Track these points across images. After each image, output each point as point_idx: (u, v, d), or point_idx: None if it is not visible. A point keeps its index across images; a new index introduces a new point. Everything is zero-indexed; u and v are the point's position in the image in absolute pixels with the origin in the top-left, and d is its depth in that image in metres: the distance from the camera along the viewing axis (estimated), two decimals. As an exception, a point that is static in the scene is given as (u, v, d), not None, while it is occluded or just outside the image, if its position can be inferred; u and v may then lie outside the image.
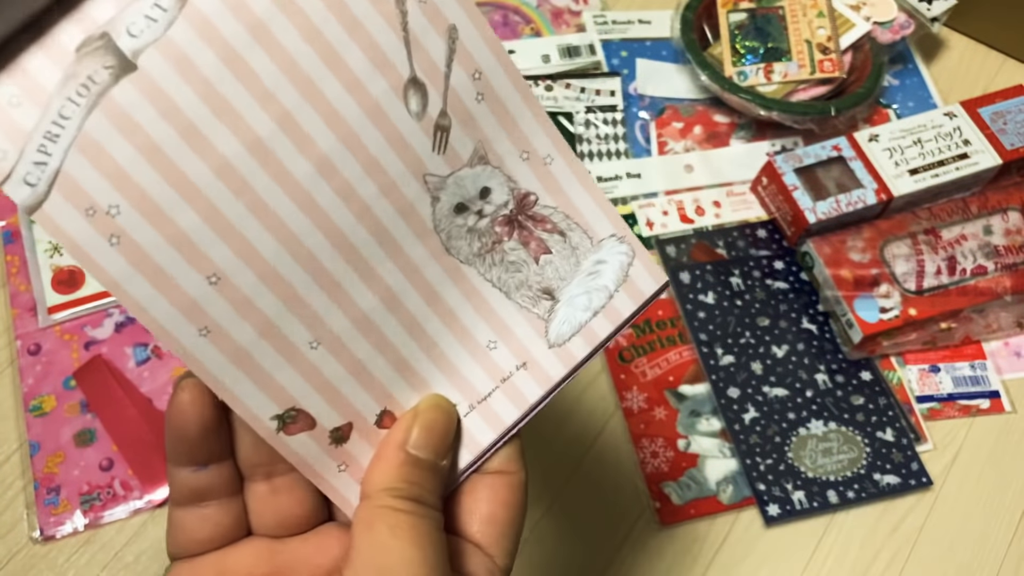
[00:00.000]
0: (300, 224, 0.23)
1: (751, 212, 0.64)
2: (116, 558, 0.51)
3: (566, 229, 0.27)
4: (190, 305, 0.22)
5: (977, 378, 0.59)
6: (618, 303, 0.27)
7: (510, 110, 0.25)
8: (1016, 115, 0.63)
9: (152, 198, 0.21)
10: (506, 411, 0.27)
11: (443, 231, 0.25)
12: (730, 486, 0.54)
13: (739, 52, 0.67)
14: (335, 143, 0.23)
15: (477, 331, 0.27)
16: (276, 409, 0.24)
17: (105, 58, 0.20)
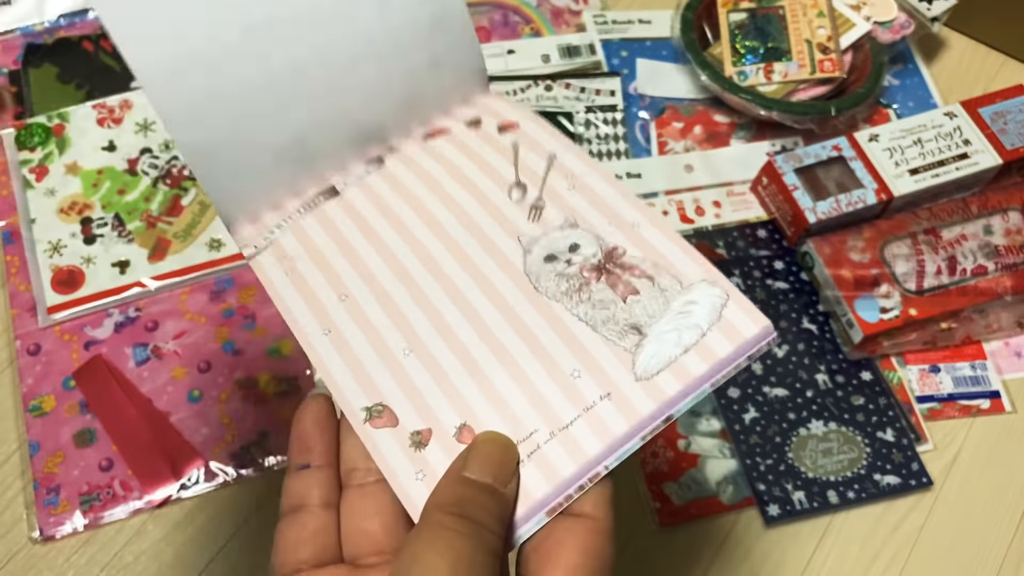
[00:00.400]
0: (414, 266, 0.30)
1: (751, 212, 0.64)
2: (116, 558, 0.51)
3: (654, 273, 0.28)
4: (322, 312, 0.30)
5: (977, 378, 0.59)
6: (712, 341, 0.27)
7: (599, 193, 0.30)
8: (1016, 115, 0.63)
9: (319, 250, 0.31)
10: (588, 442, 0.26)
11: (533, 274, 0.29)
12: (730, 486, 0.54)
13: (739, 52, 0.67)
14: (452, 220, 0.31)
15: (562, 360, 0.27)
16: (366, 401, 0.28)
17: (325, 193, 0.32)
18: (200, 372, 0.55)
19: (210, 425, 0.54)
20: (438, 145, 0.33)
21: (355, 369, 0.28)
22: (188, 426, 0.54)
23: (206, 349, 0.56)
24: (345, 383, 0.28)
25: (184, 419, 0.54)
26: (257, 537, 0.52)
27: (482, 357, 0.28)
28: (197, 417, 0.54)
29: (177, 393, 0.55)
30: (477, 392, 0.27)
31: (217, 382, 0.55)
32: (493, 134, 0.33)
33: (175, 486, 0.52)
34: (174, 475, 0.52)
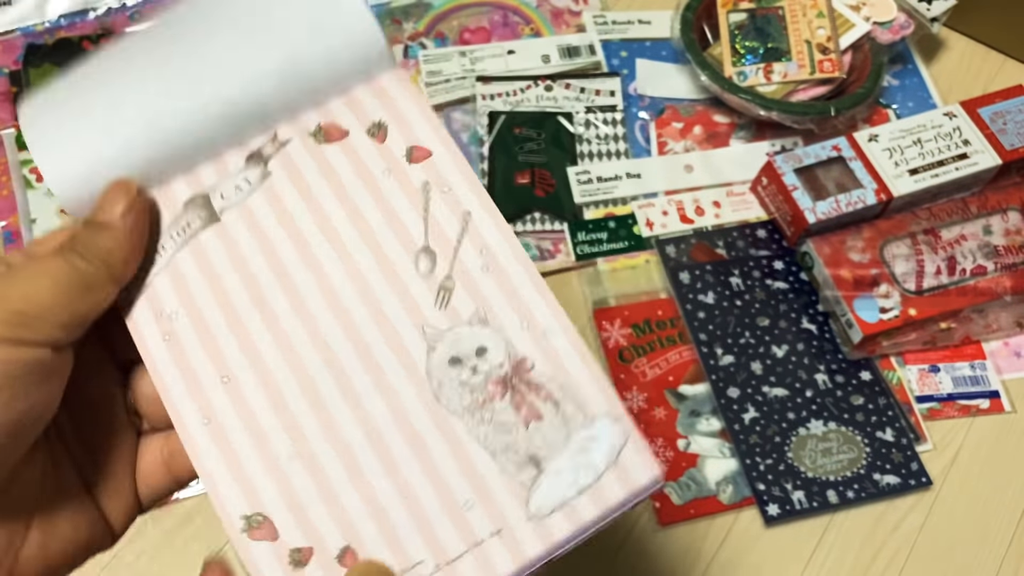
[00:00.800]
0: (306, 349, 0.27)
1: (751, 212, 0.64)
2: (116, 558, 0.51)
3: (560, 399, 0.27)
4: (202, 396, 0.27)
5: (977, 378, 0.59)
6: (606, 485, 0.26)
7: (513, 282, 0.28)
8: (1016, 115, 0.63)
9: (201, 313, 0.27)
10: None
11: (435, 379, 0.27)
12: (730, 486, 0.54)
13: (739, 52, 0.67)
14: (350, 289, 0.27)
15: (456, 487, 0.26)
16: (246, 509, 0.26)
17: (200, 211, 0.28)
18: (200, 372, 0.55)
19: (210, 425, 0.54)
20: (332, 156, 0.29)
21: (234, 470, 0.26)
22: (188, 426, 0.54)
23: (206, 349, 0.56)
24: (224, 486, 0.26)
25: (184, 419, 0.54)
26: (257, 537, 0.52)
27: (372, 471, 0.26)
28: (197, 417, 0.54)
29: (177, 393, 0.55)
30: (364, 511, 0.26)
31: (217, 382, 0.55)
32: (400, 161, 0.29)
33: (175, 486, 0.52)
34: (174, 475, 0.52)
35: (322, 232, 0.28)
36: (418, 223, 0.28)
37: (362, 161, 0.29)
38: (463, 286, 0.28)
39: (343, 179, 0.28)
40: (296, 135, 0.29)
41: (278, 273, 0.28)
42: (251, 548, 0.25)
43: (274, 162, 0.29)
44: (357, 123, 0.29)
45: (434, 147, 0.29)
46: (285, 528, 0.26)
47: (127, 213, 0.26)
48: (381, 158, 0.29)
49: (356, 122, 0.29)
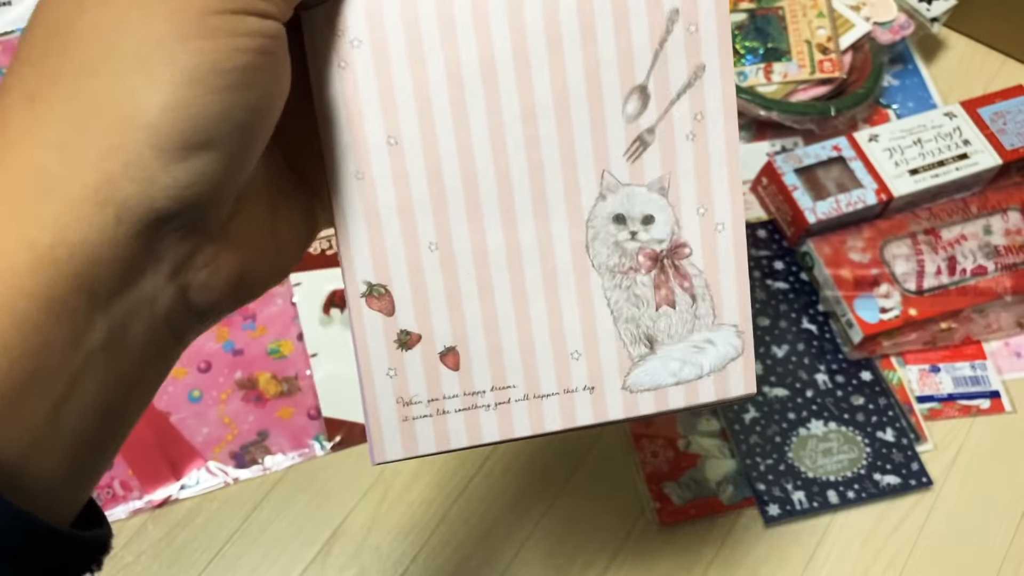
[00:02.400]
0: (481, 146, 0.25)
1: (751, 212, 0.64)
2: (115, 558, 0.51)
3: (699, 296, 0.27)
4: (361, 147, 0.24)
5: (977, 378, 0.59)
6: (701, 386, 0.27)
7: (711, 164, 0.26)
8: (1016, 115, 0.63)
9: (387, 54, 0.24)
10: (552, 418, 0.27)
11: (593, 228, 0.26)
12: (730, 486, 0.54)
13: (739, 52, 0.67)
14: (549, 98, 0.24)
15: (570, 334, 0.26)
16: (372, 277, 0.25)
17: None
18: (200, 372, 0.55)
19: (210, 425, 0.54)
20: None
21: (374, 235, 0.25)
22: (188, 426, 0.54)
23: (206, 349, 0.56)
24: (359, 245, 0.25)
25: (184, 419, 0.54)
26: (256, 538, 0.52)
27: (501, 289, 0.26)
28: (197, 417, 0.54)
29: (177, 393, 0.55)
30: (481, 322, 0.26)
31: (217, 382, 0.55)
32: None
33: (175, 486, 0.52)
34: (174, 475, 0.52)
35: (544, 15, 0.24)
36: (646, 55, 0.25)
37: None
38: (660, 145, 0.25)
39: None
40: None
41: (482, 43, 0.24)
42: (364, 314, 0.26)
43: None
44: None
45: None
46: (403, 309, 0.26)
47: None
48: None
49: None
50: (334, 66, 0.24)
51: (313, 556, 0.51)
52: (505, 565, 0.52)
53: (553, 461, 0.55)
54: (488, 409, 0.26)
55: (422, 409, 0.26)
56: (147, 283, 0.19)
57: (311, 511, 0.53)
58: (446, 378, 0.26)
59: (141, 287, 0.19)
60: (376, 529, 0.52)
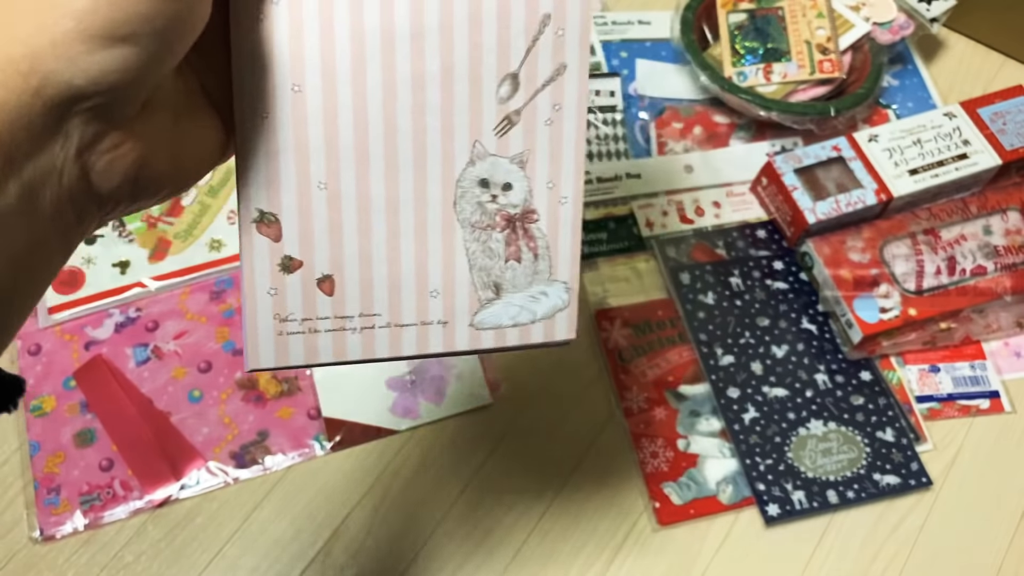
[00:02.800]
0: (374, 104, 0.28)
1: (751, 212, 0.64)
2: (116, 558, 0.51)
3: (541, 255, 0.32)
4: (267, 92, 0.28)
5: (977, 378, 0.59)
6: (533, 329, 0.33)
7: (563, 148, 0.31)
8: (1015, 115, 0.63)
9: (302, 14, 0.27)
10: (408, 344, 0.31)
11: (461, 188, 0.30)
12: (730, 486, 0.54)
13: (739, 53, 0.67)
14: (436, 72, 0.29)
15: (433, 276, 0.31)
16: (265, 206, 0.29)
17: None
18: (200, 372, 0.56)
19: (210, 425, 0.54)
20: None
21: (269, 170, 0.29)
22: (188, 426, 0.54)
23: (206, 349, 0.56)
24: (254, 176, 0.29)
25: (184, 419, 0.54)
26: (256, 538, 0.52)
27: (377, 229, 0.30)
28: (197, 417, 0.54)
29: (177, 393, 0.55)
30: (357, 256, 0.30)
31: (217, 382, 0.55)
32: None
33: (175, 486, 0.52)
34: (174, 475, 0.52)
35: (440, 4, 0.28)
36: (520, 49, 0.29)
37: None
38: (524, 127, 0.30)
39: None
40: None
41: (385, 16, 0.28)
42: (255, 238, 0.29)
43: None
44: None
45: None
46: (289, 236, 0.29)
47: None
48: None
49: None
50: (253, 18, 0.27)
51: (313, 556, 0.51)
52: (505, 565, 0.52)
53: (552, 461, 0.55)
54: (354, 332, 0.31)
55: (296, 326, 0.30)
56: (56, 155, 0.21)
57: (311, 511, 0.53)
58: (320, 301, 0.30)
59: (50, 157, 0.21)
60: (376, 529, 0.52)
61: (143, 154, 0.24)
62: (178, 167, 0.26)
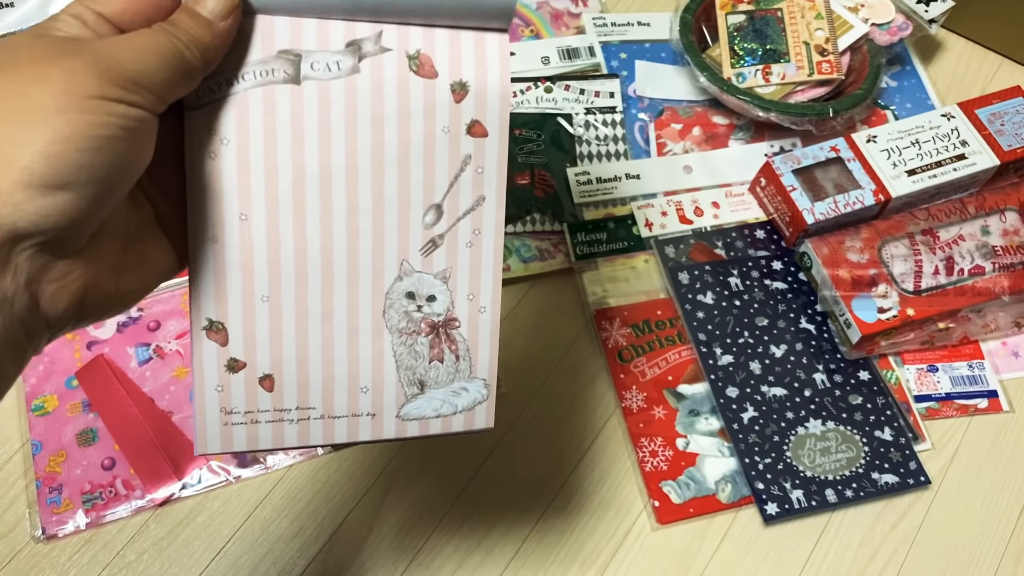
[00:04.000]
0: (312, 230, 0.32)
1: (750, 213, 0.64)
2: (118, 557, 0.51)
3: (462, 356, 0.35)
4: (217, 218, 0.31)
5: (975, 377, 0.59)
6: (455, 420, 0.36)
7: (482, 266, 0.35)
8: (1013, 116, 0.63)
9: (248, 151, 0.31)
10: (340, 433, 0.35)
11: (390, 299, 0.34)
12: (729, 485, 0.54)
13: (738, 54, 0.68)
14: (368, 202, 0.32)
15: (363, 374, 0.34)
16: (214, 316, 0.32)
17: (288, 67, 0.31)
18: (202, 372, 0.56)
19: (212, 424, 0.54)
20: (414, 88, 0.32)
21: (218, 286, 0.32)
22: (190, 425, 0.54)
23: (208, 349, 0.56)
24: (206, 290, 0.32)
25: (186, 418, 0.54)
26: (258, 536, 0.52)
27: (314, 335, 0.33)
28: (199, 416, 0.54)
29: (179, 393, 0.55)
30: (295, 358, 0.33)
31: (219, 382, 0.55)
32: (461, 127, 0.33)
33: (177, 485, 0.52)
34: (176, 474, 0.53)
35: (373, 143, 0.32)
36: (444, 183, 0.33)
37: (434, 108, 0.32)
38: (447, 248, 0.34)
39: (412, 112, 0.32)
40: (396, 47, 0.31)
41: (323, 156, 0.31)
42: (204, 343, 0.33)
43: (367, 63, 0.31)
44: (448, 71, 0.32)
45: (492, 129, 0.33)
46: (235, 341, 0.33)
47: (228, 17, 0.29)
48: (449, 116, 0.32)
49: (448, 69, 0.32)
50: (206, 155, 0.31)
51: (313, 556, 0.52)
52: (505, 564, 0.52)
53: (552, 461, 0.55)
54: (292, 423, 0.34)
55: (240, 418, 0.34)
56: (7, 286, 0.24)
57: (312, 510, 0.53)
58: (261, 397, 0.34)
59: (1, 288, 0.24)
60: (376, 529, 0.53)
61: (90, 281, 0.27)
62: (125, 289, 0.29)
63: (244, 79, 0.30)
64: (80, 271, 0.26)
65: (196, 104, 0.30)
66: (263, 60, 0.30)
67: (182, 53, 0.27)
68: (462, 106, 0.32)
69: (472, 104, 0.32)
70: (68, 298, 0.26)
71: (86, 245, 0.26)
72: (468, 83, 0.32)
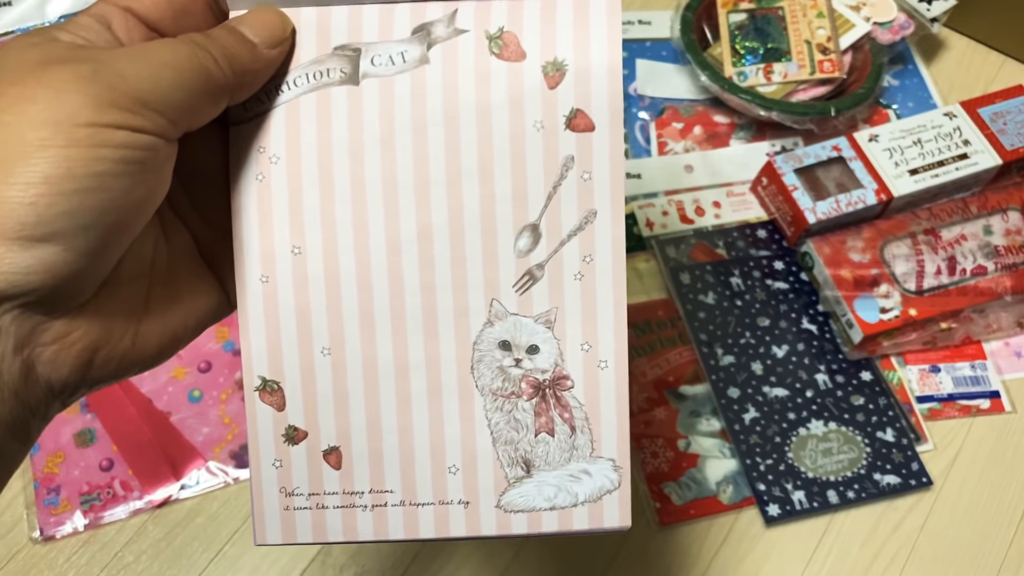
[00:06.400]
0: (378, 263, 0.27)
1: (751, 212, 0.64)
2: (116, 558, 0.51)
3: (579, 428, 0.28)
4: (268, 252, 0.27)
5: (977, 378, 0.59)
6: (576, 514, 0.28)
7: (598, 304, 0.27)
8: (1016, 115, 0.63)
9: (300, 170, 0.26)
10: (426, 527, 0.28)
11: (479, 351, 0.27)
12: (730, 486, 0.54)
13: (739, 52, 0.67)
14: (444, 223, 0.26)
15: (451, 451, 0.28)
16: (267, 373, 0.27)
17: (345, 65, 0.26)
18: (200, 372, 0.56)
19: (210, 425, 0.54)
20: (496, 74, 0.26)
21: (271, 335, 0.27)
22: (188, 426, 0.54)
23: (206, 349, 0.56)
24: (257, 342, 0.27)
25: (184, 419, 0.54)
26: (257, 537, 0.52)
27: (387, 399, 0.27)
28: (197, 417, 0.54)
29: (177, 393, 0.55)
30: (365, 427, 0.27)
31: (217, 382, 0.55)
32: (559, 121, 0.26)
33: (175, 486, 0.52)
34: (174, 475, 0.52)
35: (447, 150, 0.26)
36: (540, 197, 0.27)
37: (522, 99, 0.26)
38: (549, 282, 0.27)
39: (493, 106, 0.26)
40: (474, 28, 0.26)
41: (387, 169, 0.26)
42: (257, 407, 0.27)
43: (437, 50, 0.26)
44: (539, 50, 0.26)
45: (600, 121, 0.26)
46: (293, 405, 0.27)
47: (276, 47, 0.25)
48: (542, 106, 0.26)
49: (539, 48, 0.26)
50: (252, 177, 0.26)
51: (313, 556, 0.51)
52: (505, 565, 0.52)
53: (553, 461, 0.55)
54: (365, 509, 0.28)
55: (303, 501, 0.28)
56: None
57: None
58: (327, 475, 0.28)
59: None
60: (376, 529, 0.52)
61: (98, 338, 0.23)
62: (148, 343, 0.25)
63: (295, 84, 0.26)
64: (86, 328, 0.22)
65: (241, 117, 0.26)
66: (317, 60, 0.26)
67: (208, 68, 0.22)
68: (558, 93, 0.26)
69: (572, 90, 0.26)
70: (72, 361, 0.22)
71: (91, 297, 0.22)
72: (565, 63, 0.26)
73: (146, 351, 0.25)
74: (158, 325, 0.25)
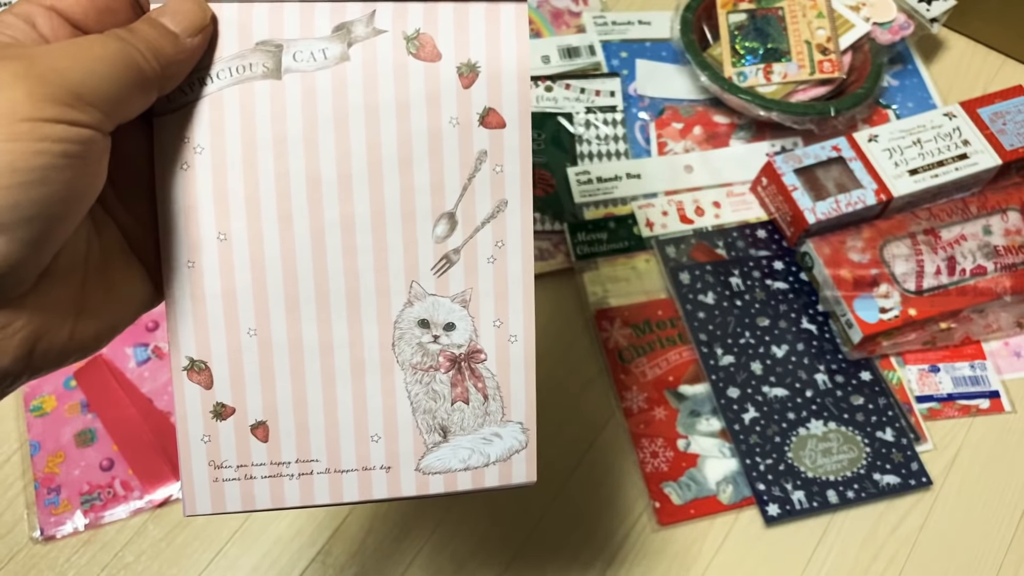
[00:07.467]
0: (303, 249, 0.28)
1: (751, 212, 0.64)
2: (116, 558, 0.51)
3: (491, 396, 0.30)
4: (194, 238, 0.28)
5: (977, 378, 0.59)
6: (488, 473, 0.31)
7: (509, 284, 0.30)
8: (1015, 115, 0.63)
9: (224, 160, 0.27)
10: (350, 491, 0.30)
11: (400, 329, 0.29)
12: (730, 486, 0.54)
13: (739, 53, 0.67)
14: (366, 212, 0.28)
15: (373, 421, 0.30)
16: (195, 353, 0.29)
17: (267, 60, 0.27)
18: (201, 372, 0.56)
19: (210, 425, 0.54)
20: (413, 74, 0.28)
21: (198, 317, 0.28)
22: (189, 426, 0.54)
23: (207, 349, 0.56)
24: (184, 325, 0.28)
25: (185, 419, 0.54)
26: (257, 537, 0.52)
27: (312, 374, 0.29)
28: (198, 417, 0.54)
29: (178, 393, 0.55)
30: (291, 402, 0.29)
31: (217, 382, 0.55)
32: (472, 118, 0.28)
33: (176, 486, 0.52)
34: (175, 475, 0.52)
35: (367, 144, 0.28)
36: (456, 188, 0.28)
37: (438, 97, 0.28)
38: (464, 265, 0.29)
39: (411, 103, 0.28)
40: (392, 29, 0.27)
41: (310, 161, 0.27)
42: (185, 386, 0.29)
43: (357, 48, 0.27)
44: (453, 50, 0.28)
45: (510, 118, 0.28)
46: (220, 384, 0.29)
47: (196, 35, 0.25)
48: (457, 104, 0.28)
49: (453, 48, 0.28)
50: (177, 166, 0.27)
51: (313, 556, 0.51)
52: (505, 565, 0.52)
53: (553, 461, 0.55)
54: (292, 478, 0.30)
55: (231, 473, 0.29)
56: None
57: (311, 510, 0.53)
58: (255, 448, 0.29)
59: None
60: (376, 529, 0.52)
61: (39, 328, 0.23)
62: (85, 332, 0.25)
63: (219, 77, 0.27)
64: (26, 318, 0.23)
65: (165, 109, 0.27)
66: (240, 54, 0.27)
67: (137, 62, 0.23)
68: (472, 92, 0.28)
69: (484, 90, 0.28)
70: (14, 350, 0.23)
71: (31, 288, 0.23)
72: (478, 64, 0.28)
73: (85, 340, 0.25)
74: (95, 315, 0.26)
